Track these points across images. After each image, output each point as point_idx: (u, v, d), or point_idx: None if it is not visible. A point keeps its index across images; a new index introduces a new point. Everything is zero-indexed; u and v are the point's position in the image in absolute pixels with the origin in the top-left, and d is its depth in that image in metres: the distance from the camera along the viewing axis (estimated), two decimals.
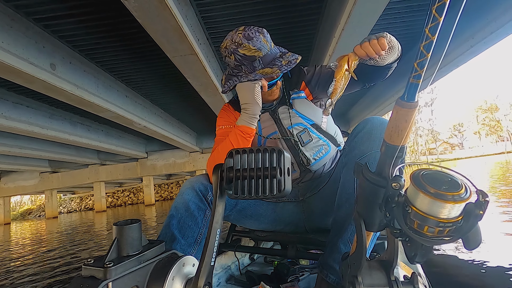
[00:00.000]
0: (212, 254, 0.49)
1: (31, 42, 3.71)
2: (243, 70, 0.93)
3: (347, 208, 0.81)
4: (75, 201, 22.66)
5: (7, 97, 5.59)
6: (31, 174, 13.64)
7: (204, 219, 0.89)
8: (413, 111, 0.42)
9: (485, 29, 3.95)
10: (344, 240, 0.78)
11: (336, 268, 0.77)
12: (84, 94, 4.65)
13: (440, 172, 0.41)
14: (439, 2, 0.33)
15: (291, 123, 1.02)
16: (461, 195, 0.37)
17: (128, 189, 21.51)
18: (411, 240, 0.44)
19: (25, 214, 22.54)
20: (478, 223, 0.37)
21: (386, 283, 0.52)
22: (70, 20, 3.67)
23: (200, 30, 3.99)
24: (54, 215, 14.17)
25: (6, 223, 14.13)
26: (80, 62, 4.61)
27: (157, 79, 5.72)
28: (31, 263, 3.38)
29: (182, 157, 12.60)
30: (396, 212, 0.42)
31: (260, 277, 1.11)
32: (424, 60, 0.38)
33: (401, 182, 0.43)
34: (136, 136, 10.95)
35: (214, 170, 0.49)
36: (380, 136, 0.73)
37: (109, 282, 0.41)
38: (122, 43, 4.28)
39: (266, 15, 3.93)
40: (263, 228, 1.08)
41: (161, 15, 2.69)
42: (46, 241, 5.60)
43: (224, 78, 1.01)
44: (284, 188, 0.45)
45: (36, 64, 3.78)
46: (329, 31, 3.80)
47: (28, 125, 6.09)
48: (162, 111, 7.98)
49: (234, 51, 0.91)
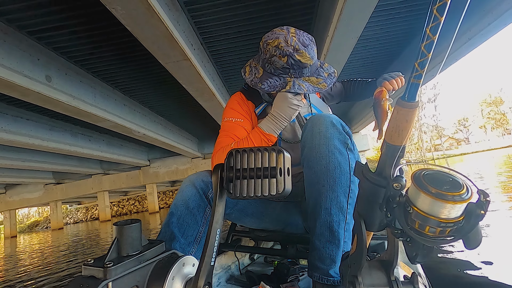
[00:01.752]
0: (212, 254, 0.49)
1: (25, 55, 3.72)
2: (290, 73, 0.93)
3: (312, 207, 0.82)
4: (81, 212, 22.77)
5: (6, 111, 5.63)
6: (35, 186, 13.74)
7: (204, 217, 0.88)
8: (414, 111, 0.42)
9: (482, 20, 3.88)
10: (317, 236, 0.79)
11: (319, 266, 0.77)
12: (80, 104, 4.66)
13: (442, 172, 0.41)
14: (440, 1, 0.33)
15: (310, 111, 1.07)
16: (462, 195, 0.37)
17: (133, 198, 21.59)
18: (412, 240, 0.44)
19: (33, 226, 22.70)
20: (479, 223, 0.37)
21: (386, 283, 0.52)
22: (62, 32, 3.68)
23: (193, 35, 3.97)
24: (59, 226, 14.22)
25: (12, 236, 14.24)
26: (76, 72, 4.62)
27: (155, 86, 5.72)
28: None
29: (184, 164, 12.60)
30: (397, 212, 0.42)
31: (260, 277, 1.11)
32: (425, 60, 0.37)
33: (402, 183, 0.43)
34: (138, 145, 10.97)
35: (214, 170, 0.49)
36: (320, 131, 0.80)
37: (109, 282, 0.41)
38: (117, 52, 4.28)
39: (258, 17, 3.90)
40: (263, 227, 1.08)
41: (150, 22, 2.68)
42: (49, 253, 5.59)
43: (251, 70, 0.99)
44: (284, 188, 0.45)
45: (31, 76, 3.79)
46: (323, 30, 3.76)
47: (29, 138, 6.13)
48: (161, 118, 7.98)
49: (290, 55, 0.89)
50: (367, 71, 6.44)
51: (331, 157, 0.78)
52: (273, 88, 0.93)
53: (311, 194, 0.82)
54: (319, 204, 0.79)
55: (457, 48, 4.57)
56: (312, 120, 0.84)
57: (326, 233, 0.77)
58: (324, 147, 0.79)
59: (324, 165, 0.78)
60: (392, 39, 5.08)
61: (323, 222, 0.78)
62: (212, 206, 0.50)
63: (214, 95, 4.95)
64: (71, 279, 2.07)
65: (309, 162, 0.81)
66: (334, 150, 0.78)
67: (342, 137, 0.80)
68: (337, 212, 0.77)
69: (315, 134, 0.81)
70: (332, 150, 0.78)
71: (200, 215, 0.87)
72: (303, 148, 0.85)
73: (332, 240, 0.76)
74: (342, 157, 0.79)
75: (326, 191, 0.78)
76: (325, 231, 0.77)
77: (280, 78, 0.93)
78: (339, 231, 0.77)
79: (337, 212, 0.77)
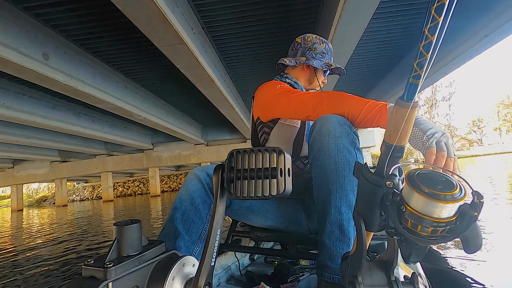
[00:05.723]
0: (212, 254, 0.50)
1: (21, 31, 3.65)
2: (326, 58, 1.21)
3: (321, 206, 0.83)
4: (87, 190, 23.31)
5: (9, 87, 5.63)
6: (41, 163, 14.05)
7: (209, 213, 0.87)
8: (413, 111, 0.43)
9: (500, 17, 3.61)
10: (327, 234, 0.79)
11: (329, 265, 0.77)
12: (78, 84, 4.60)
13: (436, 172, 0.41)
14: (438, 2, 0.33)
15: None
16: (455, 195, 0.37)
17: (138, 179, 21.92)
18: (405, 240, 0.44)
19: (41, 201, 23.39)
20: (477, 225, 0.37)
21: (386, 283, 0.52)
22: (60, 9, 3.58)
23: (194, 18, 3.83)
24: (63, 203, 14.59)
25: (19, 209, 14.68)
26: (75, 52, 4.55)
27: (157, 69, 5.60)
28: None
29: (187, 149, 12.62)
30: (391, 210, 0.43)
31: (260, 277, 1.11)
32: (423, 60, 0.37)
33: (395, 181, 0.43)
34: (142, 128, 10.98)
35: (214, 170, 0.49)
36: (329, 131, 0.80)
37: (109, 282, 0.42)
38: (117, 32, 4.17)
39: (262, 2, 3.73)
40: (268, 225, 1.08)
41: (141, 1, 2.55)
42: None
43: (290, 60, 1.20)
44: (285, 189, 0.46)
45: (27, 53, 3.73)
46: (329, 19, 3.57)
47: (30, 115, 6.15)
48: (164, 102, 7.91)
49: (327, 43, 1.23)
50: (374, 64, 6.21)
51: (340, 156, 0.79)
52: (320, 66, 1.18)
53: (321, 192, 0.82)
54: (329, 203, 0.79)
55: (472, 45, 4.30)
56: (319, 120, 0.85)
57: (337, 231, 0.77)
58: (333, 146, 0.80)
59: (334, 164, 0.79)
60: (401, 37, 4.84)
61: (333, 220, 0.78)
62: (213, 206, 0.51)
63: (213, 81, 4.82)
64: (69, 280, 2.07)
65: (318, 161, 0.83)
66: (343, 149, 0.80)
67: (350, 136, 0.81)
68: (347, 210, 0.78)
69: (323, 134, 0.82)
70: (341, 149, 0.80)
71: (205, 212, 0.86)
72: (312, 148, 0.86)
73: (342, 239, 0.77)
74: (350, 156, 0.80)
75: (336, 189, 0.79)
76: (335, 230, 0.78)
77: (321, 60, 1.19)
78: (349, 229, 0.78)
79: (347, 210, 0.78)
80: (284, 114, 1.02)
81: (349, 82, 7.26)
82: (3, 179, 14.86)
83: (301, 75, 1.22)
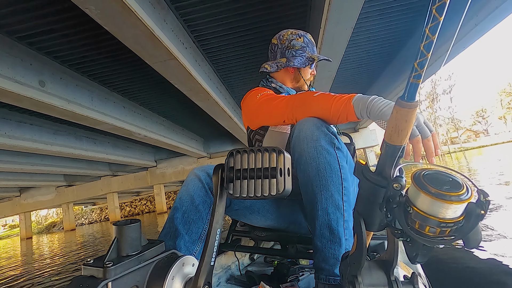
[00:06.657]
0: (212, 254, 0.50)
1: (17, 60, 3.72)
2: (307, 51, 1.15)
3: (309, 210, 0.84)
4: (95, 212, 23.34)
5: (10, 117, 5.72)
6: (47, 189, 14.12)
7: (209, 213, 0.87)
8: (413, 111, 0.42)
9: (489, 3, 3.59)
10: (318, 237, 0.79)
11: (323, 267, 0.78)
12: (76, 108, 4.65)
13: (442, 172, 0.41)
14: (439, 1, 0.33)
15: None
16: (462, 195, 0.37)
17: (145, 198, 21.92)
18: (412, 241, 0.44)
19: (50, 227, 23.44)
20: (479, 222, 0.37)
21: (386, 283, 0.53)
22: (53, 36, 3.66)
23: (184, 34, 3.88)
24: (71, 227, 14.58)
25: (28, 237, 14.69)
26: (71, 76, 4.61)
27: (153, 87, 5.65)
28: None
29: (190, 164, 12.62)
30: (397, 212, 0.43)
31: (260, 277, 1.12)
32: (424, 60, 0.37)
33: (402, 183, 0.43)
34: (144, 146, 11.03)
35: (214, 171, 0.49)
36: (306, 135, 0.82)
37: (109, 282, 0.42)
38: (110, 54, 4.24)
39: (250, 12, 3.76)
40: (268, 225, 1.08)
41: (128, 22, 2.58)
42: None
43: (271, 65, 1.17)
44: (284, 189, 0.46)
45: (23, 82, 3.79)
46: (317, 22, 3.58)
47: (32, 142, 6.21)
48: (163, 119, 7.95)
49: (304, 35, 1.16)
50: (369, 64, 6.21)
51: (321, 158, 0.81)
52: (302, 64, 1.13)
53: (307, 196, 0.84)
54: (316, 205, 0.80)
55: (464, 35, 4.27)
56: (297, 126, 0.86)
57: (326, 233, 0.79)
58: (312, 150, 0.81)
59: (315, 167, 0.81)
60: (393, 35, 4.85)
61: (322, 222, 0.79)
62: (213, 206, 0.50)
63: (209, 94, 4.84)
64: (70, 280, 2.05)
65: (301, 166, 0.84)
66: (322, 151, 0.81)
67: (328, 137, 0.82)
68: (334, 210, 0.79)
69: (302, 139, 0.83)
70: (320, 151, 0.81)
71: (206, 211, 0.86)
72: (293, 154, 0.87)
73: (333, 239, 0.78)
74: (330, 157, 0.81)
75: (320, 191, 0.80)
76: (325, 231, 0.79)
77: (302, 57, 1.13)
78: (339, 229, 0.78)
79: (334, 211, 0.79)
80: (268, 122, 1.04)
81: (345, 84, 7.25)
82: (11, 208, 14.92)
83: (286, 76, 1.20)
